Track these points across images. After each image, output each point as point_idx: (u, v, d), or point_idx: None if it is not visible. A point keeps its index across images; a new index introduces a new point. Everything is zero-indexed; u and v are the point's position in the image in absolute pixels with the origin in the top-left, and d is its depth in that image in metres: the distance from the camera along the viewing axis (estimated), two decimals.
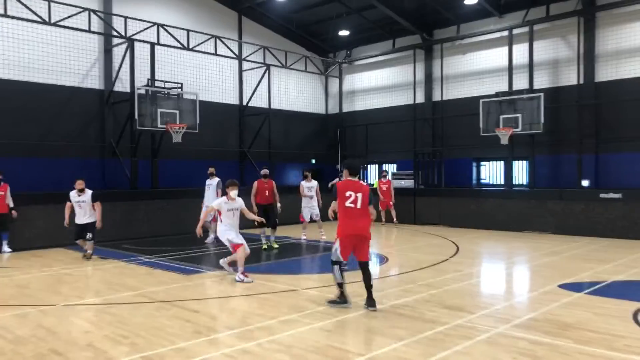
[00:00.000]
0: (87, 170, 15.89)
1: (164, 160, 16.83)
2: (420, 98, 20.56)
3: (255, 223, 10.66)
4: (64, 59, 15.65)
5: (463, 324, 6.38)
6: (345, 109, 23.16)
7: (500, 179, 19.19)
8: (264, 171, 12.95)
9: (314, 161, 22.96)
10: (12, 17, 13.65)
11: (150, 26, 16.18)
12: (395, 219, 18.35)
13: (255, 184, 12.72)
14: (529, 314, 6.86)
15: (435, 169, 19.91)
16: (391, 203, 18.33)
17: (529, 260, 11.27)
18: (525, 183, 17.97)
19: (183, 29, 17.01)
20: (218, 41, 17.89)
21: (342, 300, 7.24)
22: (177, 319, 6.76)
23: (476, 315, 6.79)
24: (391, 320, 6.65)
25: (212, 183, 14.10)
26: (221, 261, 9.69)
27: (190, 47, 17.11)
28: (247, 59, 19.46)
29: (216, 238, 13.42)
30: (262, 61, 19.57)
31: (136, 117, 15.12)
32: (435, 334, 6.04)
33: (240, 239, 9.28)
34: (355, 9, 19.81)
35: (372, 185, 22.41)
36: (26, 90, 14.86)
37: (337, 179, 20.52)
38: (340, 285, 7.19)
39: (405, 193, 19.22)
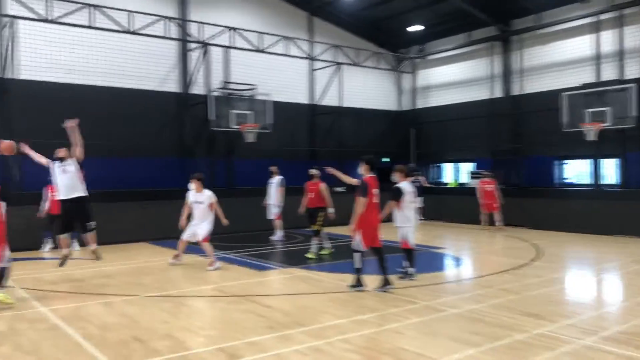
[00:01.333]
0: (166, 170, 16.61)
1: (238, 160, 17.24)
2: (498, 92, 19.77)
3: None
4: (144, 64, 16.37)
5: (545, 334, 6.01)
6: (418, 106, 22.72)
7: (586, 179, 18.07)
8: (311, 171, 12.13)
9: (386, 159, 22.69)
10: (98, 28, 14.44)
11: (224, 30, 16.61)
12: (497, 223, 16.55)
13: (305, 184, 12.09)
14: (618, 326, 6.37)
15: (515, 167, 19.07)
16: (495, 205, 16.55)
17: (620, 267, 10.51)
18: (615, 182, 16.82)
19: (255, 31, 17.33)
20: (289, 42, 18.09)
21: (359, 284, 8.12)
22: (250, 314, 6.87)
23: (559, 324, 6.38)
24: (466, 325, 6.41)
25: (274, 181, 14.55)
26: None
27: (263, 49, 17.41)
28: (318, 58, 19.54)
29: (284, 236, 13.65)
30: (333, 60, 19.58)
31: (212, 118, 15.60)
32: (513, 342, 5.74)
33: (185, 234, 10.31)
34: (428, 2, 19.35)
35: (447, 185, 21.86)
36: (111, 95, 15.66)
37: (413, 178, 20.17)
38: (359, 270, 8.08)
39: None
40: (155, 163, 16.21)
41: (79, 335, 5.94)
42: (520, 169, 18.92)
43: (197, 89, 17.06)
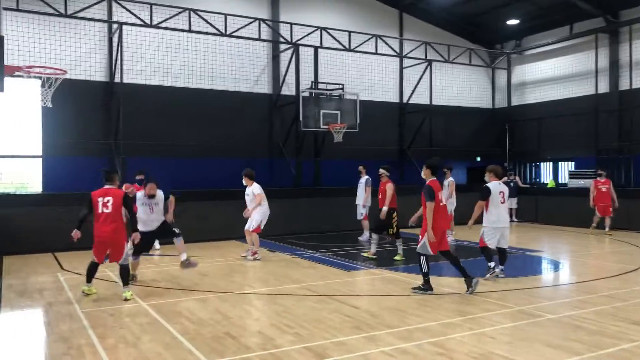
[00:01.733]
0: (257, 170, 17.09)
1: (325, 160, 17.42)
2: (603, 88, 18.44)
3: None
4: (238, 66, 17.03)
5: None
6: (514, 103, 21.73)
7: None
8: (379, 170, 11.61)
9: (479, 159, 21.93)
10: (196, 32, 15.20)
11: (314, 30, 16.84)
12: (607, 227, 15.38)
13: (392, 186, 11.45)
14: None
15: (623, 167, 17.67)
16: (610, 209, 15.11)
17: None
18: None
19: (345, 30, 17.42)
20: (379, 40, 17.99)
21: (426, 287, 7.95)
22: (337, 313, 6.89)
23: None
24: (566, 331, 6.02)
25: (362, 181, 14.37)
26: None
27: (352, 48, 17.45)
28: (408, 55, 19.26)
29: (370, 236, 13.52)
30: (424, 57, 19.23)
31: (301, 118, 15.89)
32: (619, 351, 5.32)
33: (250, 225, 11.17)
34: None
35: (546, 185, 20.71)
36: (207, 97, 16.43)
37: (506, 178, 19.36)
38: (427, 274, 7.92)
39: (585, 194, 17.36)
40: (247, 163, 16.72)
41: (176, 330, 6.25)
42: (627, 168, 17.50)
43: (287, 89, 17.45)
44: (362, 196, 14.43)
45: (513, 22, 20.33)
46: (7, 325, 6.92)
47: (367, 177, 14.25)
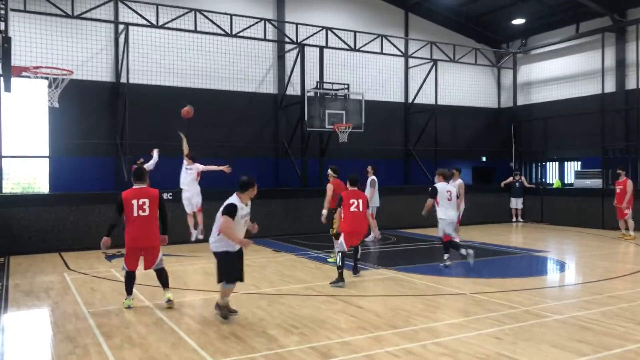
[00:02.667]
0: (262, 170, 17.16)
1: (331, 160, 17.40)
2: (610, 87, 18.35)
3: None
4: (243, 67, 17.06)
5: None
6: (520, 102, 21.66)
7: None
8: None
9: (484, 159, 21.88)
10: (201, 32, 15.24)
11: (319, 30, 16.84)
12: (630, 230, 14.29)
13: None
14: None
15: (629, 166, 17.57)
16: (626, 211, 14.15)
17: None
18: None
19: (350, 30, 17.42)
20: (384, 40, 17.97)
21: (339, 279, 8.60)
22: (342, 314, 6.90)
23: None
24: (572, 332, 6.00)
25: (368, 181, 14.39)
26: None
27: (357, 47, 17.45)
28: (414, 55, 19.24)
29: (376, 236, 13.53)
30: (429, 57, 19.20)
31: (306, 118, 15.90)
32: (625, 352, 5.29)
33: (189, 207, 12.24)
34: None
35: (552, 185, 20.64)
36: (213, 97, 16.48)
37: (511, 178, 19.32)
38: (340, 267, 8.65)
39: (591, 194, 17.33)
40: (252, 163, 16.80)
41: (181, 330, 6.27)
42: (634, 168, 17.40)
43: (293, 90, 17.46)
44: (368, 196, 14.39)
45: (519, 21, 20.27)
46: (14, 324, 6.96)
47: (372, 177, 14.21)
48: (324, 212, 10.73)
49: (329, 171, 11.55)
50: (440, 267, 10.12)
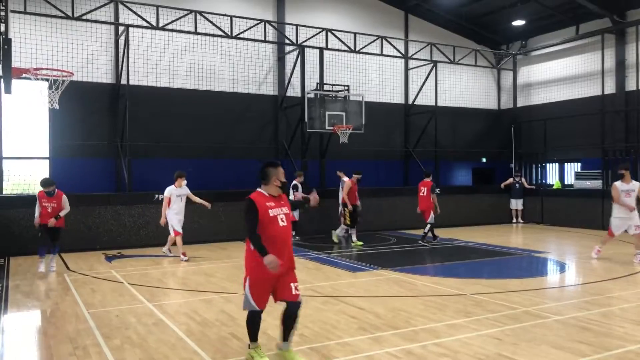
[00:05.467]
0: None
1: (331, 161, 17.44)
2: (610, 88, 18.36)
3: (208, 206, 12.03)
4: (244, 68, 17.07)
5: None
6: (520, 104, 21.66)
7: None
8: (358, 176, 14.01)
9: (484, 160, 21.89)
10: (201, 34, 15.25)
11: (319, 32, 16.85)
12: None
13: (349, 183, 13.83)
14: None
15: (629, 167, 17.54)
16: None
17: None
18: None
19: (350, 32, 17.43)
20: (384, 41, 17.99)
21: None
22: (343, 315, 6.89)
23: None
24: (572, 333, 6.00)
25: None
26: (163, 249, 11.96)
27: (357, 49, 17.46)
28: (414, 57, 19.25)
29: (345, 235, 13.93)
30: (429, 58, 19.22)
31: (306, 120, 15.91)
32: (625, 352, 5.29)
33: (180, 227, 11.46)
34: None
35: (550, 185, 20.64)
36: (213, 98, 16.49)
37: (511, 179, 19.33)
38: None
39: (591, 195, 17.33)
40: (252, 165, 16.79)
41: (181, 331, 6.27)
42: (635, 169, 17.39)
43: (293, 91, 17.47)
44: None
45: (519, 22, 20.28)
46: (14, 325, 6.96)
47: (345, 179, 14.51)
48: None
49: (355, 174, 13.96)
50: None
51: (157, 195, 13.84)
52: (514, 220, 19.23)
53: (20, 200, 12.81)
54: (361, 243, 13.63)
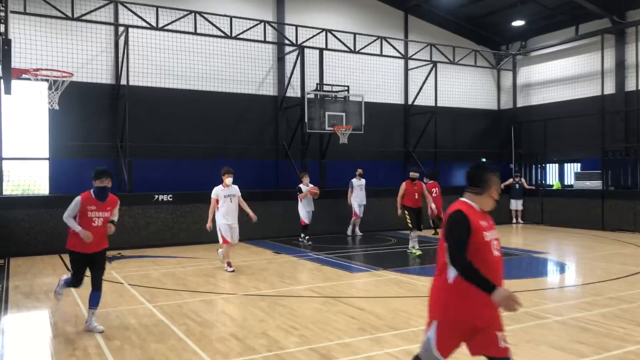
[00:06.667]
0: (263, 171, 17.16)
1: (330, 161, 17.45)
2: (609, 89, 18.36)
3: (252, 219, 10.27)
4: (243, 68, 17.07)
5: None
6: (519, 104, 21.66)
7: None
8: (413, 174, 12.19)
9: (484, 160, 21.87)
10: (201, 34, 15.24)
11: (319, 32, 16.85)
12: None
13: (403, 185, 12.16)
14: None
15: (629, 168, 17.58)
16: None
17: None
18: None
19: (350, 32, 17.43)
20: (384, 42, 17.99)
21: None
22: (342, 315, 6.89)
23: None
24: (572, 333, 6.00)
25: (362, 183, 15.57)
26: (225, 267, 10.22)
27: (357, 49, 17.46)
28: (413, 57, 19.25)
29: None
30: (429, 58, 19.22)
31: (306, 120, 15.92)
32: (625, 353, 5.29)
33: (230, 235, 10.02)
34: None
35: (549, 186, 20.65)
36: (213, 99, 16.47)
37: (511, 179, 19.33)
38: None
39: (590, 195, 17.33)
40: (252, 165, 16.81)
41: (181, 331, 6.27)
42: (634, 170, 17.42)
43: (293, 92, 17.47)
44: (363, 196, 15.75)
45: (518, 23, 20.28)
46: (14, 326, 6.96)
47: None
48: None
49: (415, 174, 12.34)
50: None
51: (156, 196, 13.86)
52: (514, 220, 19.23)
53: (21, 201, 12.82)
54: (419, 252, 12.00)
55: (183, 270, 10.55)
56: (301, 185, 14.10)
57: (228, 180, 10.24)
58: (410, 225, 11.94)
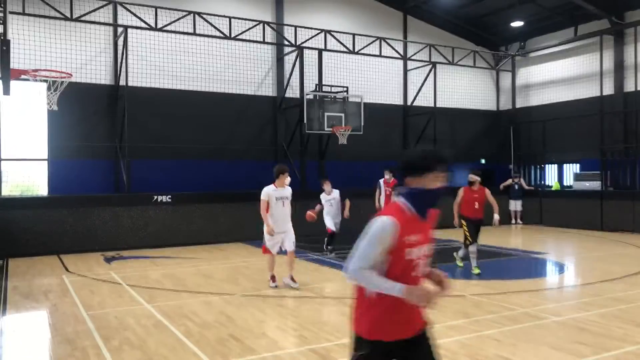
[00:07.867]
0: (262, 172, 17.13)
1: (330, 162, 17.45)
2: (608, 89, 18.38)
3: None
4: (242, 69, 17.07)
5: None
6: (519, 105, 21.68)
7: None
8: (472, 177, 9.88)
9: (483, 161, 21.89)
10: (200, 35, 15.24)
11: (318, 33, 16.86)
12: None
13: (461, 192, 9.91)
14: None
15: (628, 168, 17.60)
16: None
17: None
18: None
19: (349, 33, 17.44)
20: (383, 42, 18.00)
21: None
22: (342, 316, 6.88)
23: None
24: (571, 334, 6.00)
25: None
26: (285, 280, 8.75)
27: (356, 50, 17.47)
28: (412, 58, 19.26)
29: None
30: (428, 59, 19.23)
31: (305, 121, 15.93)
32: (624, 353, 5.29)
33: (271, 244, 8.59)
34: None
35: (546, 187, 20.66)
36: (211, 99, 16.46)
37: (510, 180, 19.33)
38: None
39: (590, 196, 17.34)
40: (251, 165, 16.80)
41: (180, 332, 6.27)
42: (633, 170, 17.44)
43: (292, 92, 17.47)
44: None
45: (517, 24, 20.31)
46: (13, 326, 6.95)
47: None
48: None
49: (475, 177, 9.98)
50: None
51: (155, 197, 13.85)
52: (513, 221, 19.23)
53: (20, 202, 12.82)
54: (478, 271, 9.69)
55: (182, 270, 10.55)
56: (321, 196, 12.28)
57: (287, 180, 8.71)
58: (469, 240, 9.71)
